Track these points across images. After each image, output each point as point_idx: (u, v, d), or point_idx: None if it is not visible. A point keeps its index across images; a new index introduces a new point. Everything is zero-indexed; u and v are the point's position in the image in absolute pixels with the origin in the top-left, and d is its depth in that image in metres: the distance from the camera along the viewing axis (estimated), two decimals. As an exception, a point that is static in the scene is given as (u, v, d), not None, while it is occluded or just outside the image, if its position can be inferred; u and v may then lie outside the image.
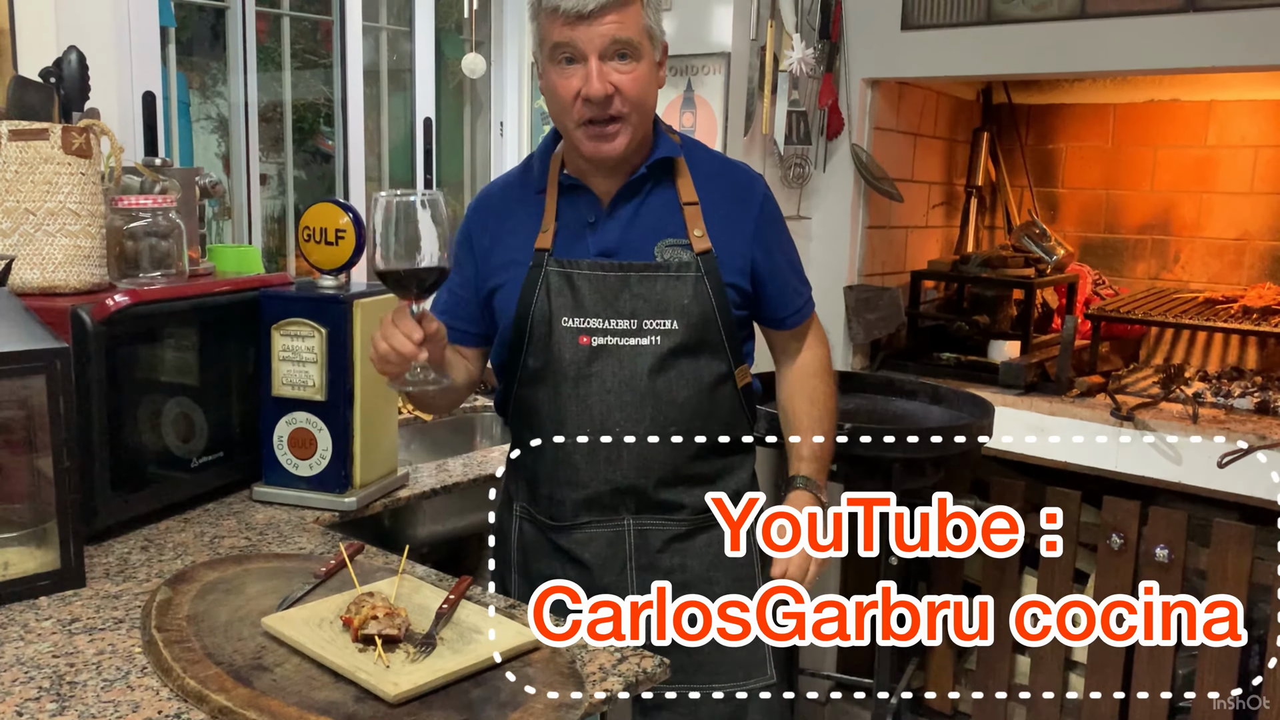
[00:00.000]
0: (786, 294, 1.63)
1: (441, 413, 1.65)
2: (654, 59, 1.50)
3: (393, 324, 1.31)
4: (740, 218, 1.56)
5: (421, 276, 1.30)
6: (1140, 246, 3.40)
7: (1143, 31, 2.51)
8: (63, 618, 1.33)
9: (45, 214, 1.58)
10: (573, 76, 1.44)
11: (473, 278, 1.62)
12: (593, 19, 1.40)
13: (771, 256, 1.60)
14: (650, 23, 1.47)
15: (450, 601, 1.30)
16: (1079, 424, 2.61)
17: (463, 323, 1.63)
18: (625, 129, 1.47)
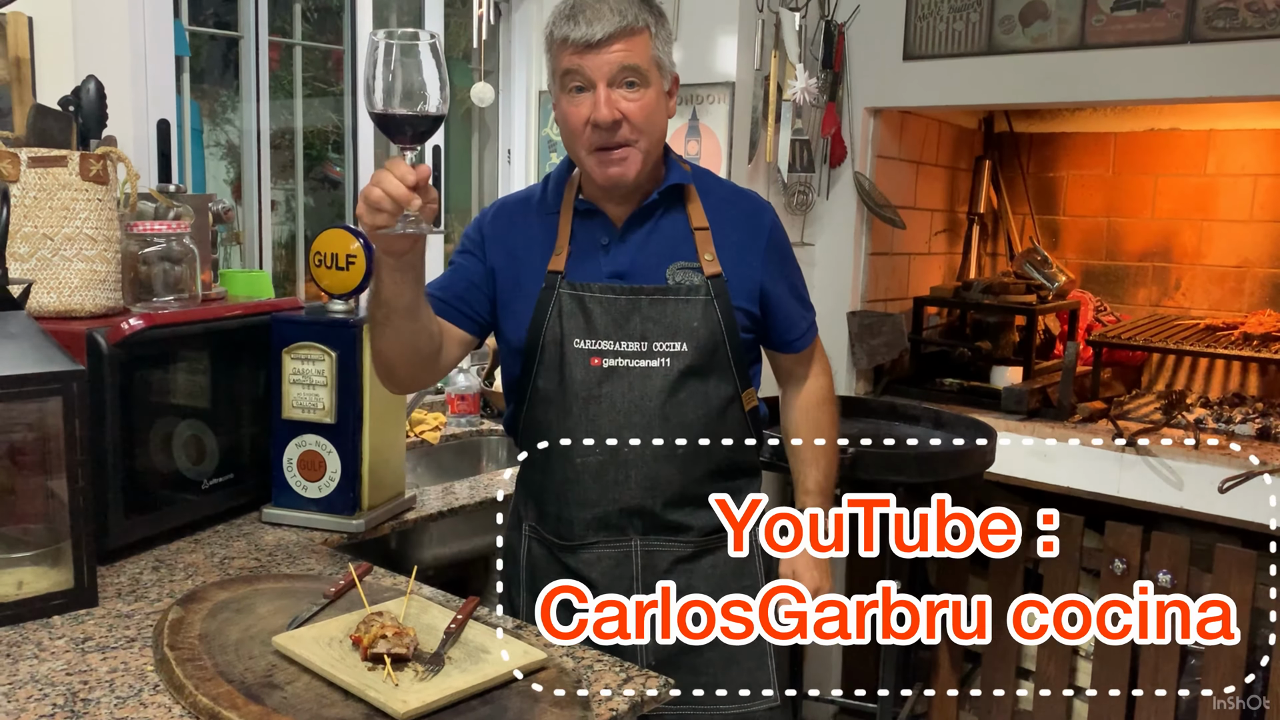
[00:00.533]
0: (793, 319, 1.66)
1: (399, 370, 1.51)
2: (662, 88, 1.53)
3: (386, 170, 1.24)
4: (749, 244, 1.59)
5: (417, 120, 1.24)
6: (1141, 273, 3.43)
7: (1141, 62, 2.55)
8: (76, 636, 1.35)
9: (63, 239, 1.61)
10: (582, 104, 1.48)
11: (482, 267, 1.61)
12: (600, 47, 1.44)
13: (779, 282, 1.63)
14: (659, 53, 1.50)
15: (458, 621, 1.32)
16: (1081, 449, 2.63)
17: (457, 300, 1.59)
18: (634, 154, 1.50)
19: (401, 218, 1.25)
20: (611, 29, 1.44)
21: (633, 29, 1.46)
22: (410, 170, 1.23)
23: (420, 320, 1.44)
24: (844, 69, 2.93)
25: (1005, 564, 2.78)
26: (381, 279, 1.38)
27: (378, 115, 1.23)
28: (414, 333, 1.45)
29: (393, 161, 1.25)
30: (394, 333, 1.44)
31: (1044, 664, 2.76)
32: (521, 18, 2.99)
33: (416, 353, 1.48)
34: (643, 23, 1.47)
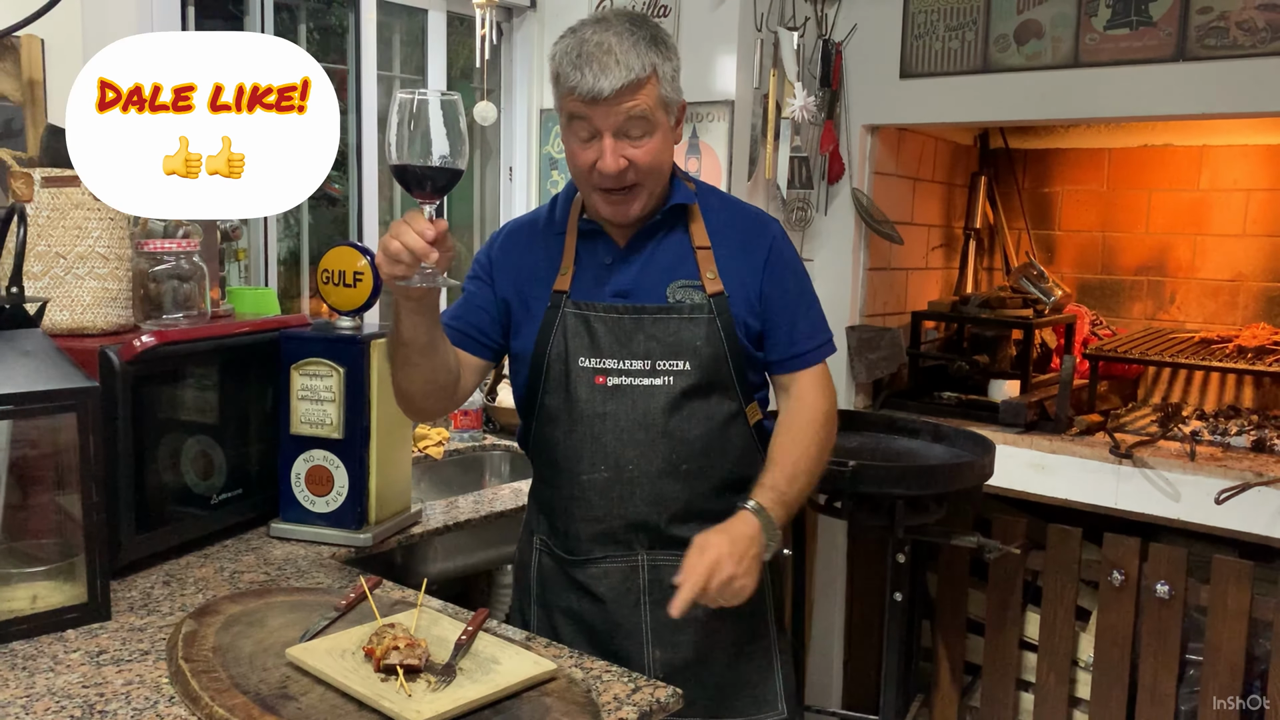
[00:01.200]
0: (794, 336, 1.62)
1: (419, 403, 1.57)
2: (669, 125, 1.53)
3: (404, 222, 1.29)
4: (751, 259, 1.60)
5: (437, 174, 1.29)
6: (1136, 287, 3.46)
7: (1134, 80, 2.59)
8: (90, 650, 1.36)
9: (75, 258, 1.64)
10: (589, 149, 1.49)
11: (493, 294, 1.65)
12: (609, 101, 1.44)
13: (780, 296, 1.61)
14: (666, 93, 1.49)
15: (469, 633, 1.34)
16: (1079, 461, 2.65)
17: (470, 329, 1.63)
18: (640, 194, 1.53)
19: (419, 270, 1.30)
20: (619, 84, 1.42)
21: (639, 81, 1.44)
22: (429, 225, 1.28)
23: (438, 356, 1.50)
24: (842, 87, 2.96)
25: (1004, 575, 2.80)
26: (400, 320, 1.44)
27: (399, 169, 1.29)
28: (433, 368, 1.50)
29: (412, 215, 1.30)
30: (414, 370, 1.49)
31: (1044, 675, 2.78)
32: (523, 37, 3.03)
33: (436, 385, 1.53)
34: (648, 70, 1.45)
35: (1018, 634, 2.82)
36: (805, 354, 1.63)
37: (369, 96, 2.63)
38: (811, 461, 1.57)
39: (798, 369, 1.63)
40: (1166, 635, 2.56)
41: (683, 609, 1.37)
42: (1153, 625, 2.58)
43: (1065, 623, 2.73)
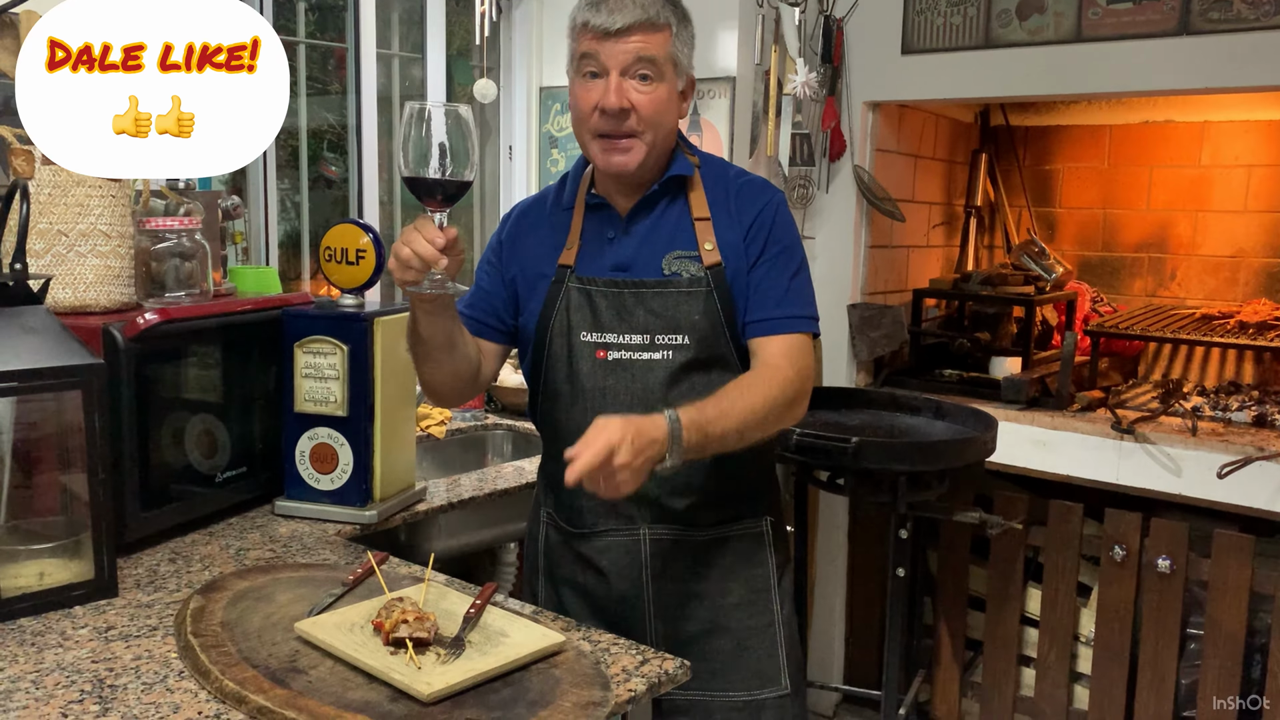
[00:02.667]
0: (767, 300, 1.53)
1: (444, 392, 1.59)
2: (676, 86, 1.54)
3: (415, 229, 1.32)
4: (742, 222, 1.58)
5: (447, 184, 1.33)
6: (1137, 264, 3.46)
7: (1137, 54, 2.58)
8: (99, 625, 1.37)
9: (77, 235, 1.63)
10: (594, 89, 1.50)
11: (502, 278, 1.66)
12: (618, 36, 1.46)
13: (758, 258, 1.55)
14: (676, 51, 1.52)
15: (477, 606, 1.34)
16: (1080, 438, 2.66)
17: (486, 316, 1.66)
18: (638, 146, 1.51)
19: (429, 276, 1.33)
20: (631, 20, 1.46)
21: (653, 23, 1.48)
22: (439, 233, 1.31)
23: (458, 350, 1.53)
24: (843, 63, 2.95)
25: (1006, 551, 2.81)
26: (417, 319, 1.47)
27: (409, 179, 1.32)
28: (454, 361, 1.53)
29: (422, 222, 1.33)
30: (435, 365, 1.53)
31: (1045, 650, 2.79)
32: (523, 15, 3.01)
33: (458, 377, 1.57)
34: (664, 20, 1.49)
35: (1019, 610, 2.83)
36: (777, 319, 1.54)
37: (368, 75, 2.62)
38: (750, 411, 1.43)
39: (766, 334, 1.53)
40: (1167, 610, 2.57)
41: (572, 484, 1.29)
42: (1154, 600, 2.59)
43: (1066, 598, 2.74)
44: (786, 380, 1.49)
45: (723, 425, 1.40)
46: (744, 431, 1.44)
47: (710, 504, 1.60)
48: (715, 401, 1.42)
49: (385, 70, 2.82)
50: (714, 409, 1.41)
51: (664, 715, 1.62)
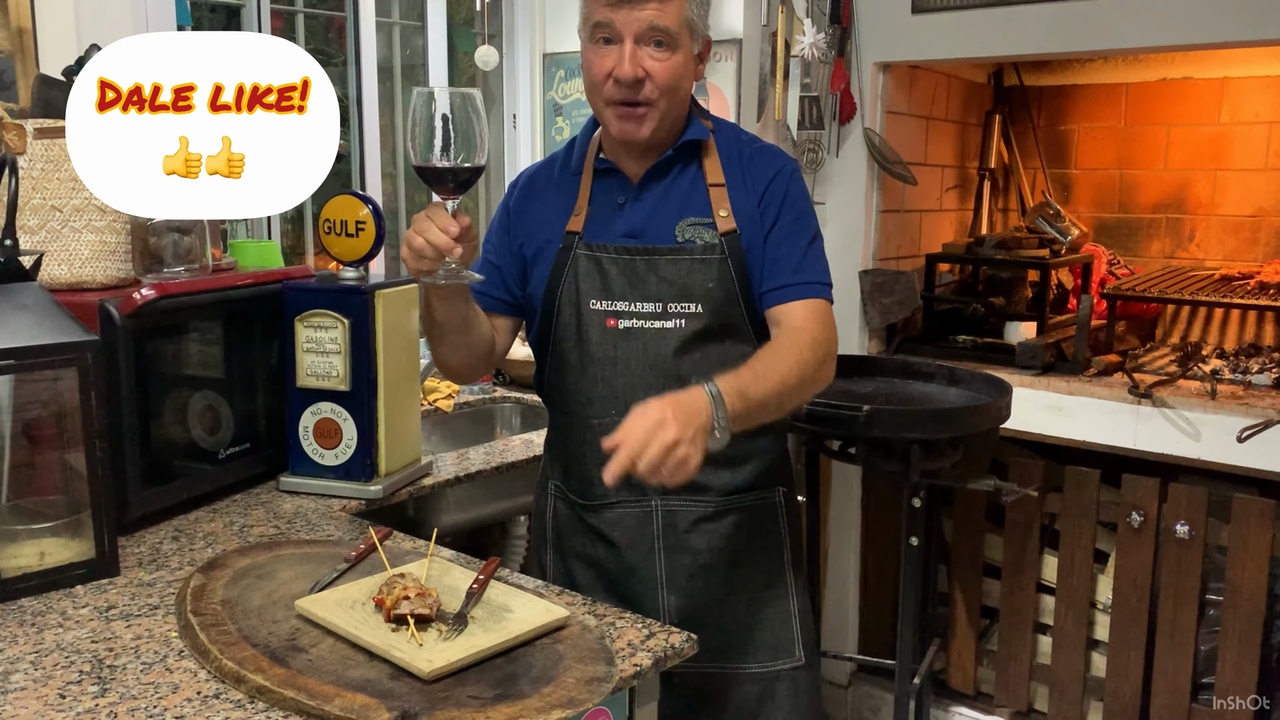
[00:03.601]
0: (783, 267, 1.51)
1: (460, 371, 1.61)
2: (692, 51, 1.50)
3: (428, 218, 1.31)
4: (753, 191, 1.55)
5: (458, 171, 1.30)
6: (1155, 225, 3.39)
7: (1155, 9, 2.51)
8: (99, 605, 1.35)
9: (71, 210, 1.61)
10: (607, 56, 1.46)
11: (510, 249, 1.64)
12: (634, 4, 1.42)
13: (773, 226, 1.52)
14: (692, 15, 1.47)
15: (480, 582, 1.32)
16: (1097, 403, 2.61)
17: (496, 290, 1.64)
18: (653, 114, 1.48)
19: (444, 265, 1.33)
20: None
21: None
22: (452, 221, 1.30)
23: (474, 330, 1.54)
24: (852, 23, 2.89)
25: (1022, 519, 2.78)
26: (432, 305, 1.48)
27: (420, 167, 1.30)
28: (469, 342, 1.55)
29: (435, 210, 1.31)
30: (451, 347, 1.55)
31: (1062, 618, 2.76)
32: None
33: (475, 355, 1.58)
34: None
35: (1035, 577, 2.81)
36: (796, 285, 1.50)
37: (367, 45, 2.58)
38: (787, 374, 1.39)
39: (787, 300, 1.50)
40: (1186, 575, 2.54)
41: (617, 476, 1.22)
42: (1172, 566, 2.55)
43: (1083, 565, 2.71)
44: (815, 341, 1.46)
45: (762, 389, 1.35)
46: (782, 395, 1.39)
47: (722, 475, 1.58)
48: (749, 368, 1.38)
49: (386, 40, 2.78)
50: (749, 374, 1.36)
51: (676, 689, 1.60)
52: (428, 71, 2.78)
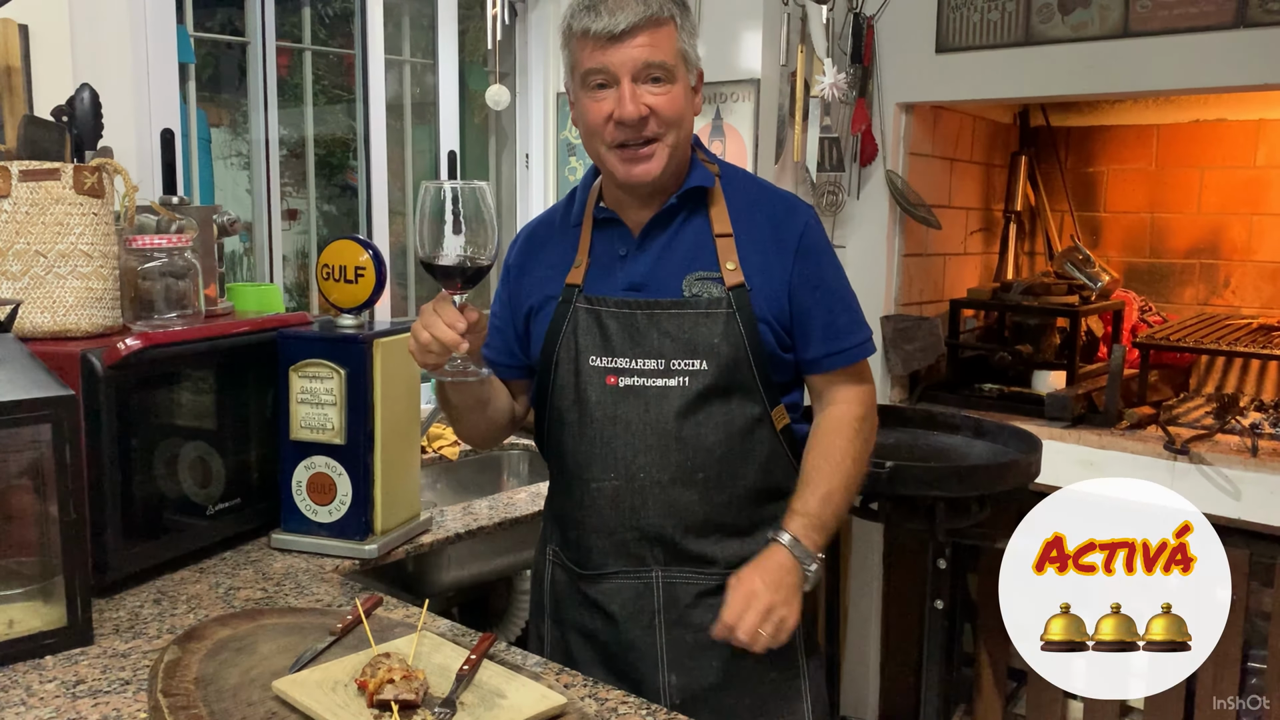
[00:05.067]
0: (829, 332, 1.48)
1: (483, 443, 1.64)
2: (689, 83, 1.43)
3: (434, 312, 1.28)
4: (778, 249, 1.46)
5: (466, 268, 1.27)
6: (1188, 271, 3.29)
7: (1189, 49, 2.42)
8: (67, 679, 1.26)
9: (56, 256, 1.54)
10: (604, 101, 1.39)
11: (513, 316, 1.58)
12: (624, 39, 1.35)
13: (812, 290, 1.47)
14: (685, 46, 1.41)
15: (471, 662, 1.22)
16: (1130, 458, 2.50)
17: (505, 357, 1.59)
18: (662, 150, 1.41)
19: (450, 361, 1.31)
20: (635, 19, 1.35)
21: (658, 19, 1.37)
22: (459, 317, 1.27)
23: (491, 405, 1.52)
24: (874, 63, 2.82)
25: (1051, 578, 2.65)
26: (445, 388, 1.47)
27: (427, 263, 1.28)
28: (487, 417, 1.54)
29: (442, 304, 1.29)
30: (470, 424, 1.56)
31: (1094, 683, 2.63)
32: (538, 17, 2.90)
33: (495, 427, 1.58)
34: (668, 13, 1.38)
35: (1065, 639, 2.68)
36: (844, 351, 1.49)
37: (376, 82, 2.52)
38: (847, 476, 1.47)
39: (834, 368, 1.50)
40: (1226, 642, 2.40)
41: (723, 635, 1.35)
42: (1211, 631, 2.42)
43: (1117, 628, 2.58)
44: (860, 419, 1.51)
45: (832, 507, 1.44)
46: (848, 493, 1.48)
47: (729, 544, 1.47)
48: (810, 489, 1.44)
49: (398, 78, 2.73)
50: (815, 499, 1.43)
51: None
52: (438, 110, 2.72)
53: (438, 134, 2.74)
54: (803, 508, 1.43)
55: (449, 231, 1.25)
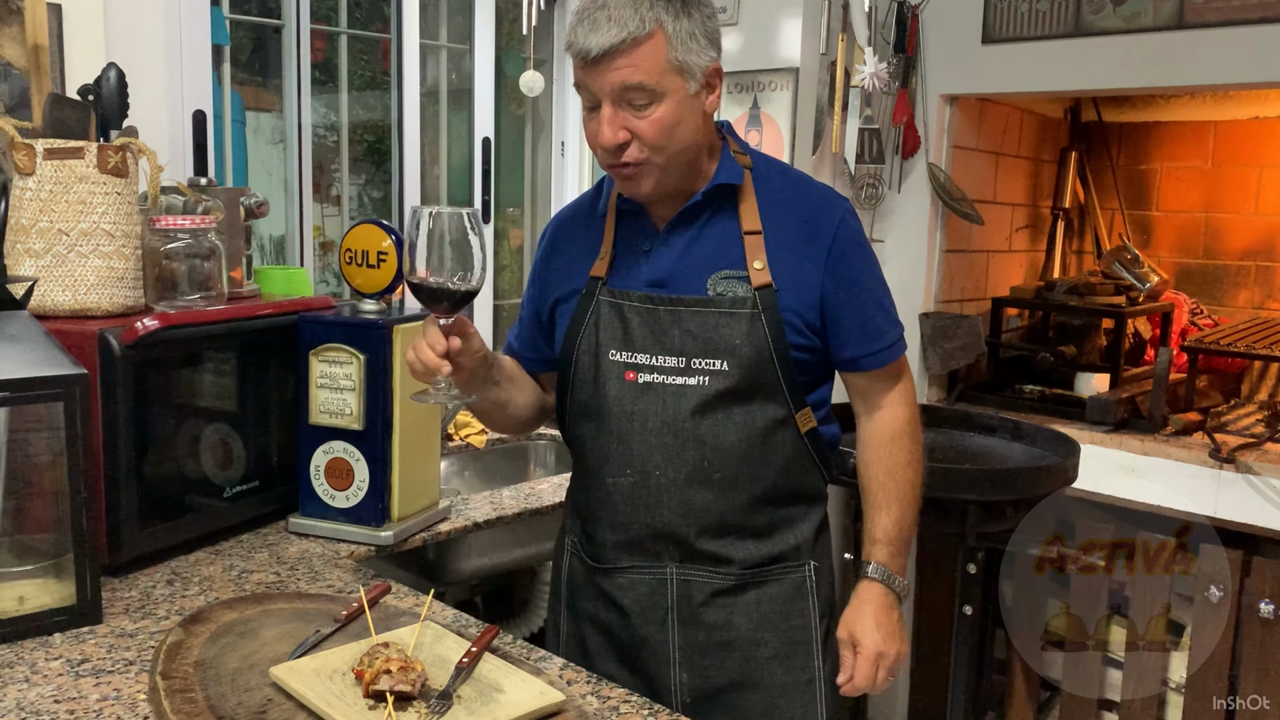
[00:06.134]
0: (866, 331, 1.44)
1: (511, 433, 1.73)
2: (686, 91, 1.33)
3: (422, 337, 1.27)
4: (810, 246, 1.41)
5: (453, 292, 1.26)
6: (1242, 273, 3.18)
7: (1247, 42, 2.33)
8: (73, 657, 1.27)
9: (79, 234, 1.54)
10: (593, 121, 1.35)
11: (539, 311, 1.56)
12: (601, 63, 1.28)
13: (847, 289, 1.42)
14: (678, 54, 1.30)
15: (471, 655, 1.20)
16: (1174, 465, 2.42)
17: (533, 352, 1.59)
18: (648, 170, 1.34)
19: (434, 384, 1.30)
20: (607, 44, 1.26)
21: (635, 39, 1.26)
22: (442, 340, 1.26)
23: (511, 405, 1.52)
24: (918, 53, 2.75)
25: (1088, 585, 2.58)
26: None
27: (414, 285, 1.28)
28: (510, 415, 1.54)
29: (427, 327, 1.28)
30: (493, 421, 1.57)
31: (1130, 695, 2.55)
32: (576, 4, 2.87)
33: (520, 421, 1.58)
34: (650, 27, 1.27)
35: (1101, 648, 2.60)
36: (883, 350, 1.46)
37: (411, 68, 2.51)
38: (914, 486, 1.50)
39: (875, 366, 1.47)
40: (1270, 659, 2.32)
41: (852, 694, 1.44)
42: (1255, 647, 2.34)
43: (1155, 639, 2.50)
44: (908, 421, 1.51)
45: (907, 524, 1.48)
46: (916, 503, 1.50)
47: (746, 545, 1.44)
48: (885, 513, 1.47)
49: (437, 63, 2.71)
50: (891, 522, 1.47)
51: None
52: (473, 96, 2.70)
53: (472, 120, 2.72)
54: (884, 536, 1.47)
55: (436, 256, 1.25)
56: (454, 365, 1.28)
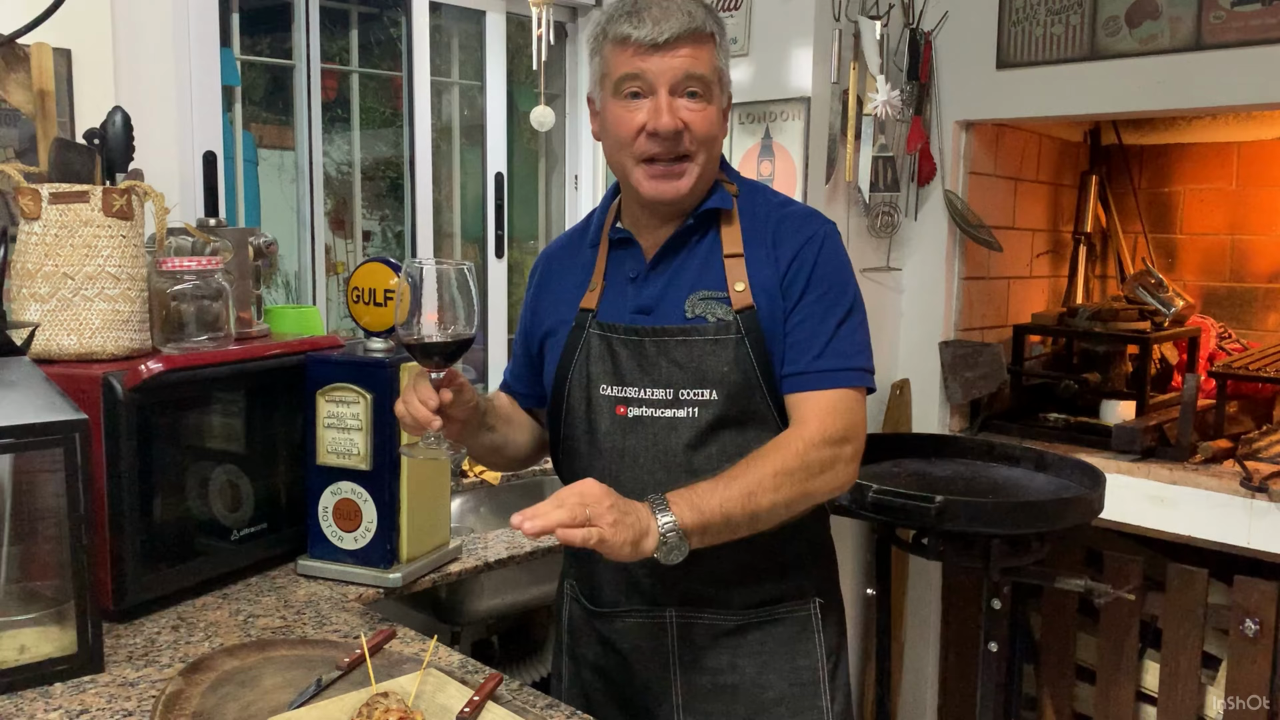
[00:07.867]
0: (798, 351, 1.34)
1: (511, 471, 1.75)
2: (722, 104, 1.39)
3: (412, 390, 1.27)
4: (777, 258, 1.38)
5: (444, 345, 1.26)
6: (1271, 295, 3.11)
7: (1268, 62, 2.29)
8: (72, 709, 1.25)
9: (84, 278, 1.54)
10: (638, 111, 1.34)
11: (529, 348, 1.55)
12: (666, 49, 1.31)
13: (797, 302, 1.35)
14: (722, 64, 1.38)
15: (474, 704, 1.17)
16: (1204, 494, 2.36)
17: (527, 388, 1.58)
18: (692, 169, 1.36)
19: (423, 438, 1.29)
20: (680, 29, 1.31)
21: (701, 33, 1.33)
22: (433, 395, 1.25)
23: (510, 444, 1.51)
24: (931, 80, 2.73)
25: (1119, 618, 2.51)
26: None
27: (406, 344, 1.28)
28: (506, 457, 1.53)
29: (418, 381, 1.27)
30: (489, 462, 1.56)
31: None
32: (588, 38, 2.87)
33: (517, 460, 1.57)
34: (710, 29, 1.35)
35: (1134, 684, 2.53)
36: (813, 374, 1.33)
37: (421, 104, 2.51)
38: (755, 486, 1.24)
39: (803, 389, 1.33)
40: (1311, 694, 2.25)
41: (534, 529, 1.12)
42: (1294, 682, 2.26)
43: (1189, 674, 2.43)
44: (808, 444, 1.28)
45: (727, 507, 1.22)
46: (750, 504, 1.23)
47: (747, 584, 1.40)
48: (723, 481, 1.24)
49: (448, 99, 2.72)
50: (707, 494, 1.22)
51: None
52: (485, 132, 2.70)
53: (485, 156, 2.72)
54: (692, 488, 1.23)
55: (426, 311, 1.25)
56: (445, 417, 1.27)
